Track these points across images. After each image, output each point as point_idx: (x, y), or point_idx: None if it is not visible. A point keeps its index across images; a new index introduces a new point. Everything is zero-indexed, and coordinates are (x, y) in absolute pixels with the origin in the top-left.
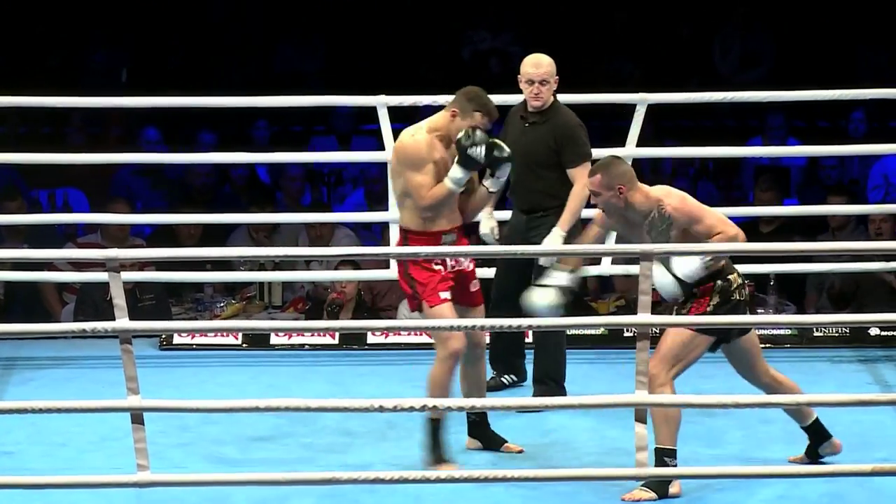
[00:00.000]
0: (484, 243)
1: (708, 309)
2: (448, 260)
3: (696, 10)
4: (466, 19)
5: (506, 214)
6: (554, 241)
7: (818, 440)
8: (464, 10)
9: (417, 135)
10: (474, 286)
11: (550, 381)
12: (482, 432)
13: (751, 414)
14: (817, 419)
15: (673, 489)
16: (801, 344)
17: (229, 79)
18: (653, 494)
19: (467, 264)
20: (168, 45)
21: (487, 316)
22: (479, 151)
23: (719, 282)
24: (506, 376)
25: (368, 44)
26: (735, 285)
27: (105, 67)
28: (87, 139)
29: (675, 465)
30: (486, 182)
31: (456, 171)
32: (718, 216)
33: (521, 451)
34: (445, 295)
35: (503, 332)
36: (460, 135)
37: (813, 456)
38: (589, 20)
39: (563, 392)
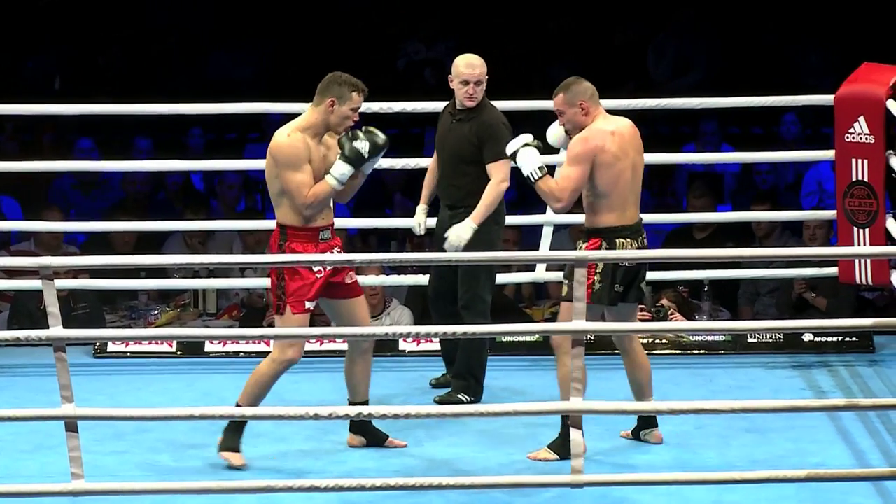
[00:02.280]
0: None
1: (595, 278)
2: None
3: (630, 17)
4: (402, 28)
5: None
6: (464, 230)
7: (644, 423)
8: (399, 19)
9: (293, 134)
10: (350, 278)
11: (471, 378)
12: (365, 428)
13: (685, 420)
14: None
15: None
16: (736, 350)
17: (163, 86)
18: (555, 456)
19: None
20: (101, 53)
21: (427, 311)
22: (365, 147)
23: (604, 244)
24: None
25: (302, 51)
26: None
27: (37, 74)
28: (20, 147)
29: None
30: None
31: (341, 168)
32: (570, 178)
33: (405, 446)
34: (310, 305)
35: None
36: (342, 136)
37: (636, 436)
38: (524, 28)
39: (481, 389)
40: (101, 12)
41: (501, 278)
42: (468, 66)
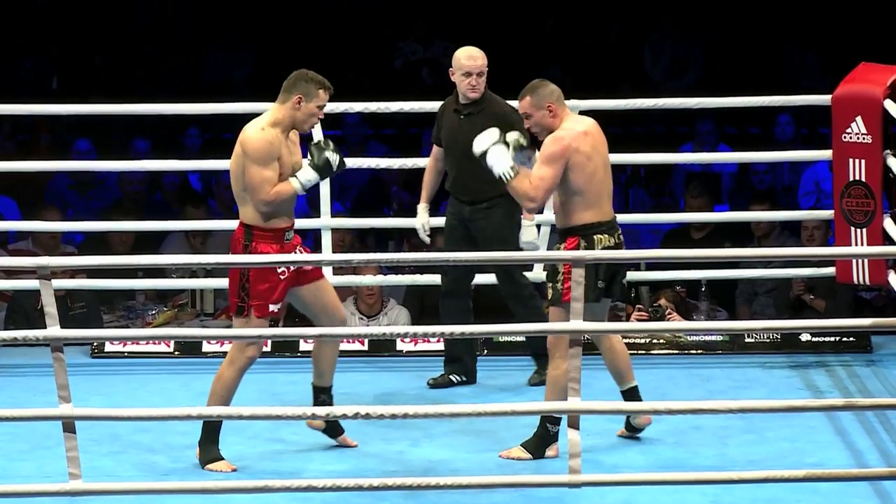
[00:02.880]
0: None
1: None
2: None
3: (625, 17)
4: (397, 28)
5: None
6: (531, 233)
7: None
8: (395, 19)
9: (266, 130)
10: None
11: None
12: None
13: (683, 420)
14: (635, 387)
15: (550, 452)
16: (733, 350)
17: (159, 86)
18: (528, 455)
19: (301, 251)
20: (98, 53)
21: (425, 311)
22: (335, 159)
23: (582, 242)
24: (454, 375)
25: (299, 51)
26: (600, 247)
27: (34, 74)
28: (17, 147)
29: (557, 431)
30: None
31: (308, 175)
32: (545, 178)
33: (355, 446)
34: (274, 308)
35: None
36: (312, 145)
37: (629, 427)
38: (518, 28)
39: None
40: (97, 13)
41: None
42: (469, 58)
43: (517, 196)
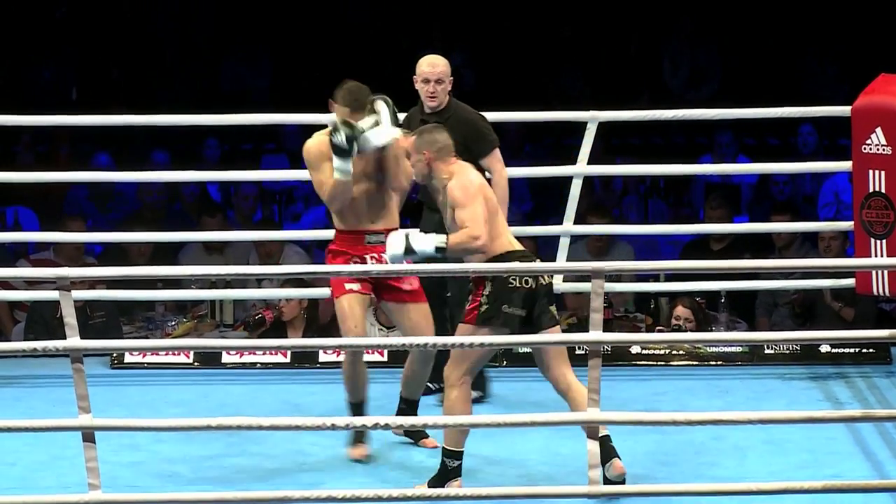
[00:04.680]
0: None
1: (481, 299)
2: (368, 261)
3: (643, 26)
4: (415, 37)
5: None
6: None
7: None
8: (411, 27)
9: (316, 137)
10: (410, 285)
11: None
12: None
13: (702, 431)
14: (607, 436)
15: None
16: (753, 361)
17: (177, 97)
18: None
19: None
20: (116, 64)
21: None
22: (340, 138)
23: (488, 281)
24: (431, 383)
25: (314, 61)
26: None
27: (54, 85)
28: (36, 158)
29: (459, 465)
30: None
31: (334, 162)
32: (475, 214)
33: (436, 447)
34: (351, 286)
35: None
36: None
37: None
38: (538, 37)
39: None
40: (116, 24)
41: None
42: (430, 66)
43: (463, 247)
